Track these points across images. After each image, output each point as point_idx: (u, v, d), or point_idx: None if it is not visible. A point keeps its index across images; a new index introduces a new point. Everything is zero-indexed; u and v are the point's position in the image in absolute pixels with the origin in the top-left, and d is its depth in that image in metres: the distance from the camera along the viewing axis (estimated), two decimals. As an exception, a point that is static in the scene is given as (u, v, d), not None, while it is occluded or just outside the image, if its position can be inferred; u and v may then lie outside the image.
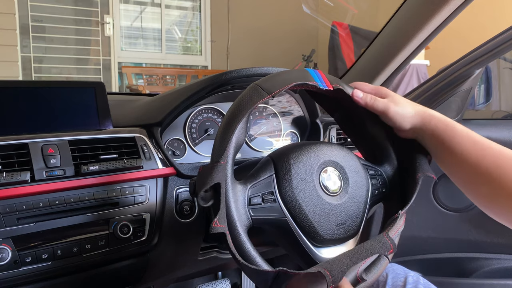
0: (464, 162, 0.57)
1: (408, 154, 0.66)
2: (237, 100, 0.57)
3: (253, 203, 0.55)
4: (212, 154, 0.55)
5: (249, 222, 0.55)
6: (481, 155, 0.55)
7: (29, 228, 0.63)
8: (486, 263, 1.20)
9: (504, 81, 2.34)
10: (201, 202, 0.52)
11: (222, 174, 0.52)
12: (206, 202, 0.52)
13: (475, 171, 0.55)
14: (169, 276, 0.87)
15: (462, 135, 0.58)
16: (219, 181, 0.51)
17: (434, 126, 0.60)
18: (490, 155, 0.55)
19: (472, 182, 0.57)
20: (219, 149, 0.54)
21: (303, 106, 1.03)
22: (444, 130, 0.59)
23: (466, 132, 0.59)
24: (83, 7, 4.17)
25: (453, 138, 0.58)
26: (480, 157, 0.55)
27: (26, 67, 3.91)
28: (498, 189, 0.53)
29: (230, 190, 0.53)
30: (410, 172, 0.64)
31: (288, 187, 0.57)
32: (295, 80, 0.58)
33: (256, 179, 0.57)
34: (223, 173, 0.52)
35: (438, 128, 0.60)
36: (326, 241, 0.58)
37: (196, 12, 4.99)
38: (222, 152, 0.53)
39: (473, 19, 3.00)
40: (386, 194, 0.66)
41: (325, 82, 0.61)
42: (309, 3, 3.27)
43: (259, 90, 0.56)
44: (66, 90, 0.76)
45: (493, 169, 0.53)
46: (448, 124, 0.60)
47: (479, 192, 0.57)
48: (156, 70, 4.70)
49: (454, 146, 0.58)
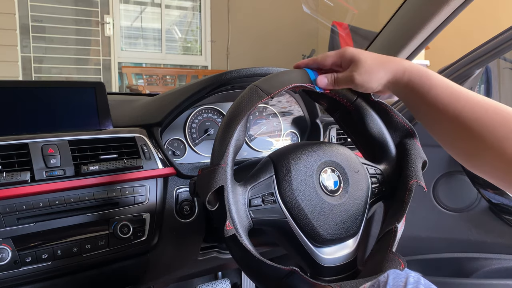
0: (442, 116, 0.54)
1: (404, 155, 0.66)
2: (236, 102, 0.57)
3: (253, 204, 0.55)
4: (212, 156, 0.55)
5: (250, 224, 0.55)
6: (459, 108, 0.52)
7: (29, 228, 0.63)
8: (486, 263, 1.20)
9: (504, 81, 2.34)
10: (209, 206, 0.52)
11: (224, 176, 0.52)
12: (213, 206, 0.52)
13: (454, 124, 0.52)
14: (169, 276, 0.87)
15: (439, 86, 0.54)
16: (222, 184, 0.51)
17: (408, 79, 0.56)
18: (469, 107, 0.51)
19: (451, 136, 0.54)
20: (219, 151, 0.54)
21: (303, 106, 1.03)
22: (420, 83, 0.55)
23: (443, 82, 0.54)
24: (83, 7, 4.17)
25: (429, 90, 0.54)
26: (458, 110, 0.52)
27: (26, 67, 3.91)
28: (478, 142, 0.50)
29: (230, 192, 0.53)
30: (403, 177, 0.64)
31: (288, 188, 0.57)
32: (294, 81, 0.58)
33: (256, 180, 0.57)
34: (224, 175, 0.52)
35: (412, 81, 0.56)
36: (326, 241, 0.58)
37: (196, 12, 4.99)
38: (222, 154, 0.53)
39: (473, 19, 3.00)
40: (386, 193, 0.66)
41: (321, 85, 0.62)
42: (309, 3, 3.27)
43: (258, 91, 0.56)
44: (66, 90, 0.76)
45: (472, 122, 0.50)
46: (423, 75, 0.55)
47: (458, 146, 0.54)
48: (156, 70, 4.70)
49: (430, 99, 0.54)
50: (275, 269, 0.50)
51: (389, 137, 0.67)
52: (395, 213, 0.61)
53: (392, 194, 0.66)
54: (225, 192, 0.51)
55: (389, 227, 0.60)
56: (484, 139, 0.49)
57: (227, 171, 0.53)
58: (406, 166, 0.64)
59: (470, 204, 1.18)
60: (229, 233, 0.50)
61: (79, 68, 4.26)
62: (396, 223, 0.58)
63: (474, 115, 0.50)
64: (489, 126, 0.49)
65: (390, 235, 0.59)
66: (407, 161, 0.64)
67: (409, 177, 0.62)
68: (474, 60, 1.05)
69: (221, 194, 0.52)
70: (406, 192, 0.62)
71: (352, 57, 0.59)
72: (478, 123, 0.50)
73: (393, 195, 0.65)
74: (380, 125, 0.66)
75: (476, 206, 1.17)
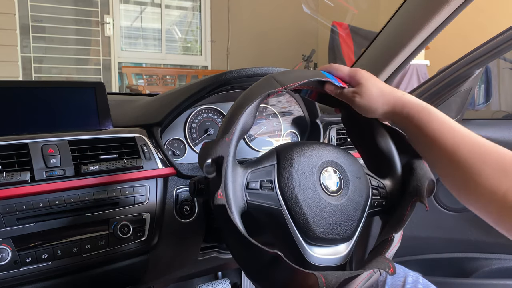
0: (439, 150, 0.56)
1: (410, 174, 0.65)
2: (250, 87, 0.58)
3: (250, 187, 0.55)
4: (219, 130, 0.55)
5: (244, 205, 0.55)
6: (457, 143, 0.54)
7: (29, 228, 0.63)
8: (486, 263, 1.20)
9: (504, 81, 2.34)
10: (206, 173, 0.51)
11: (226, 149, 0.52)
12: (209, 174, 0.52)
13: (450, 159, 0.54)
14: (169, 276, 0.87)
15: (437, 121, 0.57)
16: (222, 155, 0.51)
17: (407, 113, 0.59)
18: (466, 142, 0.54)
19: (447, 169, 0.56)
20: (226, 126, 0.54)
21: (303, 106, 1.03)
22: (418, 117, 0.58)
23: (442, 117, 0.57)
24: (83, 7, 4.17)
25: (427, 124, 0.57)
26: (455, 145, 0.54)
27: (26, 67, 3.91)
28: (471, 179, 0.52)
29: (230, 169, 0.53)
30: (407, 194, 0.63)
31: (288, 178, 0.57)
32: (311, 77, 0.59)
33: (258, 166, 0.58)
34: (226, 149, 0.52)
35: (411, 115, 0.59)
36: (318, 239, 0.57)
37: (196, 12, 4.99)
38: (228, 129, 0.53)
39: (473, 19, 3.00)
40: (385, 208, 0.65)
41: (339, 81, 0.62)
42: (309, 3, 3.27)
43: (273, 81, 0.57)
44: (66, 90, 0.76)
45: (467, 159, 0.52)
46: (422, 111, 0.58)
47: (453, 180, 0.56)
48: (156, 70, 4.70)
49: (428, 133, 0.57)
50: (259, 250, 0.49)
51: (397, 155, 0.66)
52: (394, 224, 0.61)
53: (393, 210, 0.65)
54: (224, 163, 0.51)
55: (385, 237, 0.59)
56: (477, 176, 0.51)
57: (231, 145, 0.53)
58: (411, 183, 0.63)
59: (470, 204, 1.18)
60: (218, 202, 0.49)
61: (79, 68, 4.26)
62: (394, 233, 0.58)
63: (469, 153, 0.53)
64: (483, 164, 0.51)
65: (385, 243, 0.58)
66: (412, 179, 0.63)
67: (413, 194, 0.62)
68: (474, 60, 1.05)
69: (220, 166, 0.51)
70: (408, 207, 0.61)
71: (360, 80, 0.62)
72: (472, 160, 0.52)
73: (393, 210, 0.64)
74: (389, 142, 0.66)
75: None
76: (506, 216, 0.49)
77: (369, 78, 0.62)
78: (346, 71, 0.64)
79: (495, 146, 0.53)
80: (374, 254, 0.58)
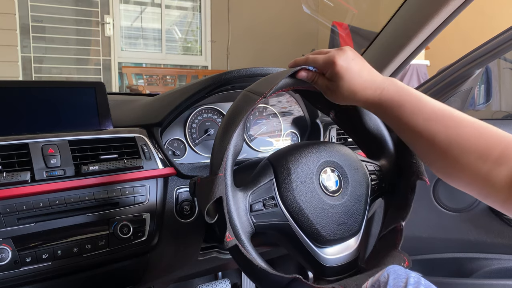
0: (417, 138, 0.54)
1: (403, 150, 0.65)
2: (230, 109, 0.57)
3: (254, 209, 0.55)
4: (211, 165, 0.54)
5: (252, 229, 0.55)
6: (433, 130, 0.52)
7: (29, 228, 0.63)
8: (486, 263, 1.20)
9: (504, 81, 2.34)
10: (207, 219, 0.51)
11: (222, 186, 0.52)
12: (212, 218, 0.52)
13: (429, 146, 0.53)
14: (169, 276, 0.87)
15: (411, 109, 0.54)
16: (220, 195, 0.51)
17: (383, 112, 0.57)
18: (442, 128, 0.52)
19: (429, 156, 0.55)
20: (216, 160, 0.53)
21: (303, 106, 1.03)
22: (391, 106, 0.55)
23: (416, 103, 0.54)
24: (83, 7, 4.17)
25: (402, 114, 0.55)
26: (432, 133, 0.53)
27: (26, 67, 3.91)
28: (453, 163, 0.51)
29: (231, 199, 0.52)
30: (404, 174, 0.63)
31: (289, 191, 0.57)
32: (283, 75, 0.57)
33: (256, 185, 0.57)
34: (222, 185, 0.52)
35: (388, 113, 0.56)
36: (328, 241, 0.58)
37: (196, 12, 4.99)
38: (219, 163, 0.53)
39: (473, 19, 3.00)
40: (385, 189, 0.66)
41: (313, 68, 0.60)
42: (309, 3, 3.27)
43: (250, 95, 0.56)
44: (66, 90, 0.76)
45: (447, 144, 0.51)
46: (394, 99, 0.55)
47: (436, 165, 0.55)
48: (156, 70, 4.70)
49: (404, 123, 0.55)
50: (278, 277, 0.50)
51: (387, 133, 0.67)
52: (399, 211, 0.61)
53: (392, 190, 0.65)
54: (224, 202, 0.51)
55: (393, 225, 0.60)
56: (459, 160, 0.51)
57: (226, 179, 0.53)
58: (406, 161, 0.64)
59: (470, 204, 1.18)
60: (229, 244, 0.49)
61: (79, 68, 4.26)
62: (401, 221, 0.58)
63: (448, 137, 0.51)
64: (464, 147, 0.50)
65: (395, 233, 0.59)
66: (407, 156, 0.64)
67: (410, 174, 0.62)
68: (474, 60, 1.05)
69: (220, 205, 0.51)
70: (408, 189, 0.61)
71: (333, 77, 0.58)
72: (453, 145, 0.51)
73: (393, 191, 0.65)
74: (377, 121, 0.66)
75: (476, 206, 1.17)
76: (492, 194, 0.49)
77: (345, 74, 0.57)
78: (321, 61, 0.59)
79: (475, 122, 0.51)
80: (385, 246, 0.58)
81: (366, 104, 0.58)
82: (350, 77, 0.57)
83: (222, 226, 0.51)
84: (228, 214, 0.51)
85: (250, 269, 0.53)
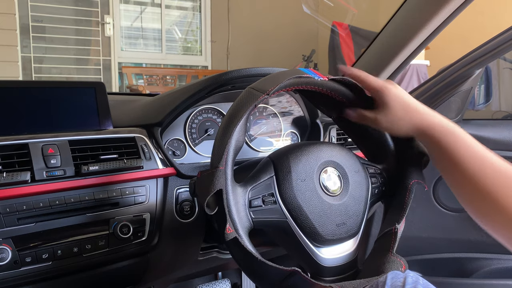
0: (463, 174, 0.55)
1: (404, 154, 0.65)
2: (234, 104, 0.57)
3: (253, 205, 0.55)
4: (212, 159, 0.55)
5: (250, 225, 0.55)
6: (481, 170, 0.53)
7: (29, 228, 0.63)
8: (486, 263, 1.20)
9: (504, 81, 2.34)
10: (207, 210, 0.51)
11: (222, 179, 0.52)
12: (212, 210, 0.52)
13: (474, 185, 0.53)
14: (169, 276, 0.87)
15: (465, 145, 0.55)
16: (220, 188, 0.51)
17: (431, 135, 0.58)
18: (489, 169, 0.53)
19: (469, 195, 0.55)
20: (217, 154, 0.54)
21: (303, 106, 1.03)
22: (445, 141, 0.56)
23: (469, 142, 0.56)
24: (83, 7, 4.17)
25: (453, 148, 0.55)
26: (479, 172, 0.53)
27: (26, 67, 3.91)
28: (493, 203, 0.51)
29: (231, 193, 0.53)
30: (403, 177, 0.63)
31: (289, 189, 0.57)
32: (289, 76, 0.57)
33: (256, 181, 0.57)
34: (222, 178, 0.52)
35: (436, 138, 0.57)
36: (327, 241, 0.58)
37: (196, 12, 4.99)
38: (220, 156, 0.53)
39: (473, 19, 3.00)
40: (386, 193, 0.66)
41: (319, 75, 0.61)
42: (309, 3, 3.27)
43: (253, 92, 0.56)
44: (66, 90, 0.76)
45: (492, 188, 0.52)
46: (448, 134, 0.56)
47: (473, 204, 0.55)
48: (156, 70, 4.70)
49: (454, 157, 0.55)
50: (277, 270, 0.50)
51: (389, 137, 0.67)
52: (395, 214, 0.61)
53: (392, 193, 0.65)
54: (224, 195, 0.51)
55: (388, 228, 0.60)
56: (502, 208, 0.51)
57: (226, 173, 0.53)
58: (406, 165, 0.64)
59: (470, 204, 1.18)
60: (229, 236, 0.50)
61: (79, 68, 4.26)
62: (396, 224, 0.58)
63: (493, 184, 0.52)
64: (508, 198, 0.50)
65: (390, 236, 0.59)
66: (407, 160, 0.64)
67: (409, 177, 0.62)
68: (474, 60, 1.05)
69: (220, 197, 0.52)
70: (406, 192, 0.61)
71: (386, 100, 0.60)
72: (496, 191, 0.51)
73: (393, 194, 0.65)
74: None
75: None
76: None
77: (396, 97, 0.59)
78: (374, 83, 0.61)
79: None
80: (381, 251, 0.58)
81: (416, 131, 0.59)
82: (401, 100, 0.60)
83: (221, 219, 0.51)
84: (227, 208, 0.51)
85: (248, 262, 0.53)
